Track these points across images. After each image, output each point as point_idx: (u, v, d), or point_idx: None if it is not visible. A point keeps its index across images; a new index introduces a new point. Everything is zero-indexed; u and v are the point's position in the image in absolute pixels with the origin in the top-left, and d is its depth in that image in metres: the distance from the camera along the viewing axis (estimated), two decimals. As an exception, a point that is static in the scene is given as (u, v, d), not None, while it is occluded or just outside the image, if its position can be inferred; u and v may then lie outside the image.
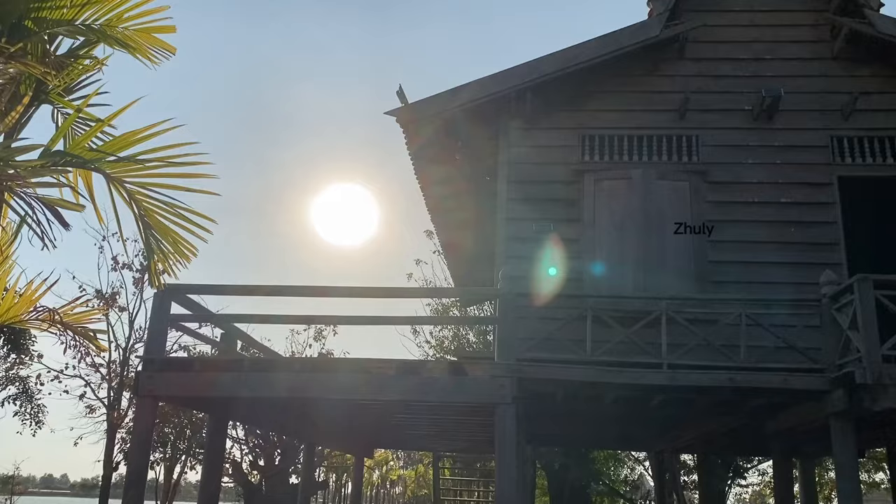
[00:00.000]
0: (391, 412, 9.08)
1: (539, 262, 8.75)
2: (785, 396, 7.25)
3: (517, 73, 9.01)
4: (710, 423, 9.66)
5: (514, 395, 6.87)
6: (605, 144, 9.18)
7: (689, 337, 7.37)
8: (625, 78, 9.33)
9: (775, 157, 8.86)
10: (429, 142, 9.32)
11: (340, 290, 8.08)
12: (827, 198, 8.68)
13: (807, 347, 7.23)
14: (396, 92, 8.76)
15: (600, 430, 12.28)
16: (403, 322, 13.54)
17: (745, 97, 9.07)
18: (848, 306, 6.68)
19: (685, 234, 8.69)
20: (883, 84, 8.99)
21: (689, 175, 8.91)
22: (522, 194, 9.07)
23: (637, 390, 7.35)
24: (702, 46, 9.35)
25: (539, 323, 7.75)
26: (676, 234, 8.71)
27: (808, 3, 9.40)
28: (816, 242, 8.54)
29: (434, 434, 11.88)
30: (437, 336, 23.80)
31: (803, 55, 9.22)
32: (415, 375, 7.23)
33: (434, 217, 11.75)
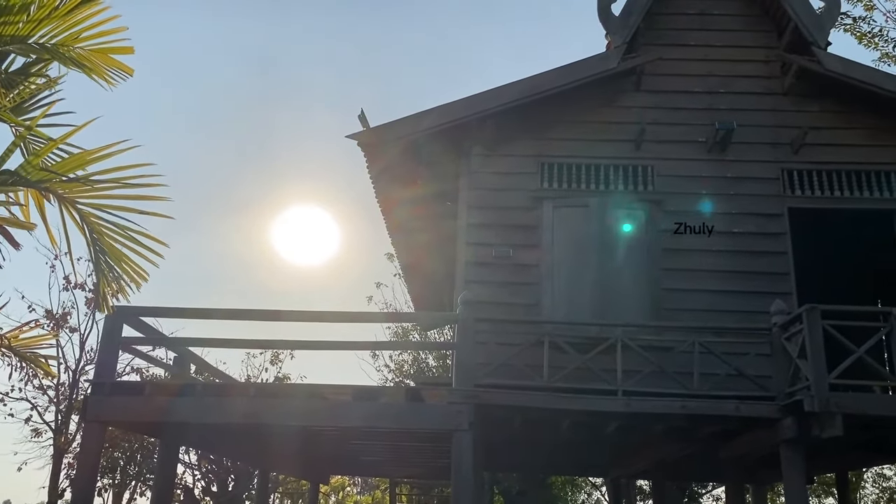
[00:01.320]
0: (348, 438, 8.98)
1: (498, 287, 8.81)
2: (737, 424, 7.36)
3: (479, 101, 9.11)
4: (665, 450, 9.75)
5: (472, 422, 6.86)
6: (563, 172, 9.31)
7: (644, 364, 7.46)
8: (583, 108, 9.50)
9: (728, 188, 9.08)
10: (390, 165, 9.35)
11: (299, 315, 8.00)
12: (777, 228, 8.91)
13: (758, 375, 7.36)
14: (358, 116, 8.79)
15: (557, 455, 12.31)
16: (362, 347, 13.45)
17: (700, 129, 9.30)
18: (797, 335, 6.84)
19: (640, 262, 8.83)
20: (831, 120, 9.31)
21: (645, 204, 9.07)
22: (482, 219, 9.14)
23: (593, 417, 7.40)
24: (658, 79, 9.58)
25: (497, 348, 7.77)
26: (632, 261, 8.85)
27: (759, 40, 9.71)
28: (767, 272, 8.75)
29: (391, 460, 11.77)
30: (396, 360, 23.68)
31: (755, 90, 9.50)
32: (372, 402, 7.17)
33: (394, 240, 11.75)
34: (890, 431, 7.02)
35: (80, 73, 4.46)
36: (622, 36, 9.23)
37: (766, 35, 9.71)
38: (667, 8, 9.80)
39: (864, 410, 6.49)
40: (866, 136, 9.21)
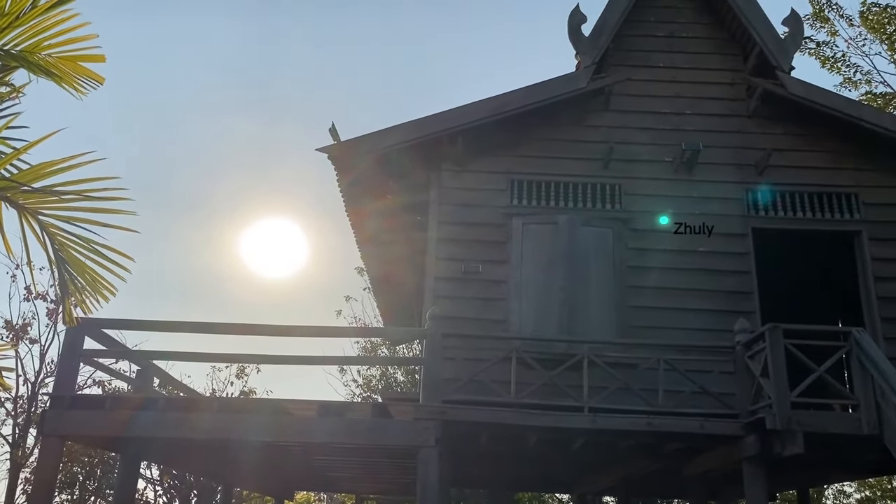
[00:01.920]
0: (313, 454, 8.89)
1: (467, 303, 8.83)
2: (701, 441, 7.44)
3: (450, 117, 9.16)
4: (631, 466, 9.81)
5: (438, 438, 6.84)
6: (533, 189, 9.38)
7: (610, 380, 7.51)
8: (553, 126, 9.60)
9: (694, 208, 9.22)
10: (360, 179, 9.34)
11: (266, 329, 7.94)
12: (742, 248, 9.06)
13: (722, 393, 7.46)
14: (329, 129, 8.78)
15: (524, 472, 12.32)
16: (330, 362, 13.35)
17: (667, 149, 9.44)
18: (760, 354, 6.94)
19: (608, 279, 8.92)
20: (793, 142, 9.51)
21: (613, 222, 9.17)
22: (452, 235, 9.16)
23: (559, 433, 7.43)
24: (626, 99, 9.72)
25: (465, 364, 7.78)
26: (599, 278, 8.93)
27: (726, 63, 9.91)
28: (732, 291, 8.88)
29: (357, 476, 11.68)
30: (364, 375, 23.54)
31: (721, 112, 9.69)
32: (338, 417, 7.12)
33: (364, 254, 11.72)
34: (849, 449, 7.14)
35: (48, 80, 4.39)
36: (592, 56, 9.35)
37: (732, 58, 9.92)
38: (636, 30, 9.96)
39: (825, 428, 6.61)
40: (828, 159, 9.43)
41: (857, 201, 9.26)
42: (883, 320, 8.77)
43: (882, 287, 8.90)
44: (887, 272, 8.95)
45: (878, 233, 9.11)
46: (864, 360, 6.69)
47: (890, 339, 8.66)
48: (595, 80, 9.39)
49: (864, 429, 6.55)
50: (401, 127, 9.06)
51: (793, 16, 9.63)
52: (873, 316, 8.81)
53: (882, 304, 8.84)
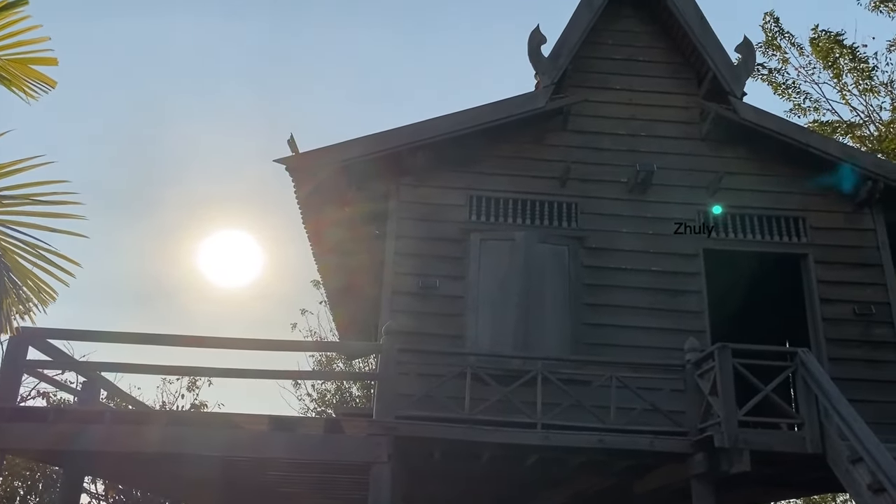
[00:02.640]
0: (264, 469, 8.74)
1: (424, 318, 8.81)
2: (651, 458, 7.52)
3: (410, 131, 9.19)
4: (583, 483, 9.86)
5: (391, 454, 6.79)
6: (491, 206, 9.44)
7: (564, 397, 7.56)
8: (513, 144, 9.70)
9: (648, 228, 9.39)
10: (318, 191, 9.29)
11: (220, 342, 7.80)
12: (693, 268, 9.24)
13: (672, 411, 7.56)
14: (287, 140, 8.73)
15: (477, 489, 12.27)
16: (283, 376, 13.22)
17: (622, 170, 9.61)
18: (709, 373, 7.07)
19: (563, 297, 9.00)
20: (744, 166, 9.77)
21: (569, 240, 9.28)
22: (410, 249, 9.16)
23: (512, 450, 7.44)
24: (584, 120, 9.87)
25: (420, 380, 7.76)
26: (555, 295, 9.01)
27: (680, 87, 10.15)
28: (683, 310, 9.04)
29: (309, 492, 11.50)
30: (319, 389, 23.29)
31: (675, 134, 9.90)
32: (289, 432, 7.02)
33: (321, 267, 11.64)
34: (795, 467, 7.29)
35: (-3, 84, 4.29)
36: (551, 77, 9.49)
37: (687, 83, 10.17)
38: (594, 52, 10.15)
39: (770, 447, 6.75)
40: (777, 183, 9.70)
41: (804, 225, 9.53)
42: (828, 341, 9.01)
43: (827, 309, 9.16)
44: (832, 294, 9.22)
45: (824, 256, 9.39)
46: (809, 381, 6.85)
47: (834, 359, 8.90)
48: (554, 101, 9.52)
49: (808, 447, 6.70)
50: (361, 140, 9.06)
51: (745, 43, 9.92)
52: (818, 337, 9.05)
53: (827, 325, 9.09)
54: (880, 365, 8.96)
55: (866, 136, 17.94)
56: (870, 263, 9.41)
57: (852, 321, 9.13)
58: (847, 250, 9.45)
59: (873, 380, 8.86)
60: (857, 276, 9.35)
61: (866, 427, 6.14)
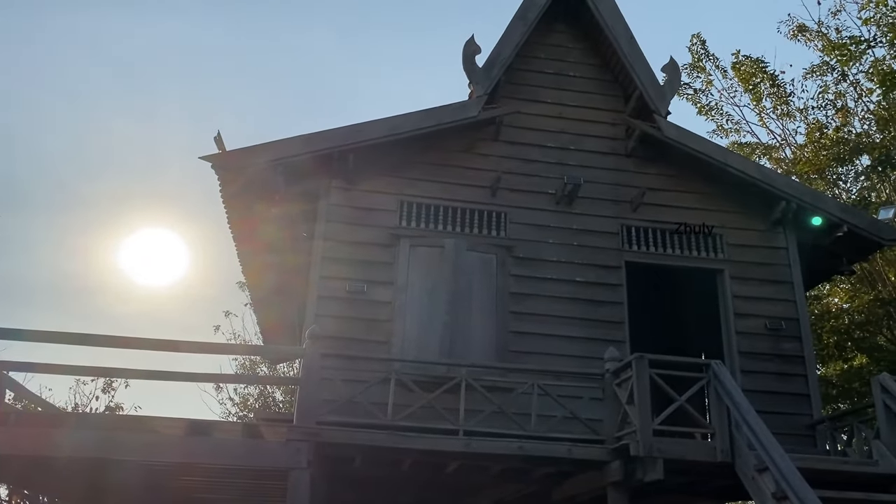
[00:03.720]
0: (178, 474, 8.49)
1: (350, 323, 8.75)
2: (569, 466, 7.65)
3: (341, 134, 9.13)
4: (503, 490, 9.95)
5: (310, 460, 6.70)
6: (421, 212, 9.47)
7: (486, 404, 7.62)
8: (444, 152, 9.75)
9: (573, 239, 9.59)
10: (246, 191, 9.12)
11: (140, 342, 7.54)
12: (616, 280, 9.48)
13: (590, 419, 7.71)
14: (214, 138, 8.55)
15: (399, 495, 12.23)
16: (203, 380, 12.85)
17: (550, 182, 9.79)
18: (627, 382, 7.24)
19: (490, 305, 9.10)
20: (666, 182, 10.09)
21: (497, 249, 9.39)
22: (337, 253, 9.08)
23: (434, 456, 7.44)
24: (515, 131, 10.02)
25: (343, 385, 7.69)
26: (482, 303, 9.10)
27: (608, 104, 10.41)
28: (604, 320, 9.26)
29: (228, 499, 11.23)
30: (241, 393, 22.83)
31: (602, 149, 10.15)
32: (205, 437, 6.86)
33: (246, 268, 11.42)
34: (706, 476, 7.53)
35: None
36: (484, 87, 9.60)
37: (615, 99, 10.44)
38: (527, 65, 10.31)
39: (683, 455, 6.95)
40: (696, 200, 10.06)
41: (721, 241, 9.90)
42: (740, 354, 9.38)
43: (741, 323, 9.53)
44: (746, 309, 9.61)
45: (739, 272, 9.78)
46: (721, 392, 7.10)
47: (746, 372, 9.28)
48: (486, 110, 9.63)
49: (718, 456, 6.92)
50: (290, 140, 8.95)
51: (671, 64, 10.26)
52: (732, 350, 9.41)
53: (740, 338, 9.46)
54: (789, 378, 9.38)
55: (782, 159, 18.77)
56: (781, 280, 9.85)
57: (763, 335, 9.53)
58: (760, 267, 9.87)
59: (782, 392, 9.27)
60: (770, 292, 9.77)
61: (773, 437, 6.39)
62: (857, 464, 7.44)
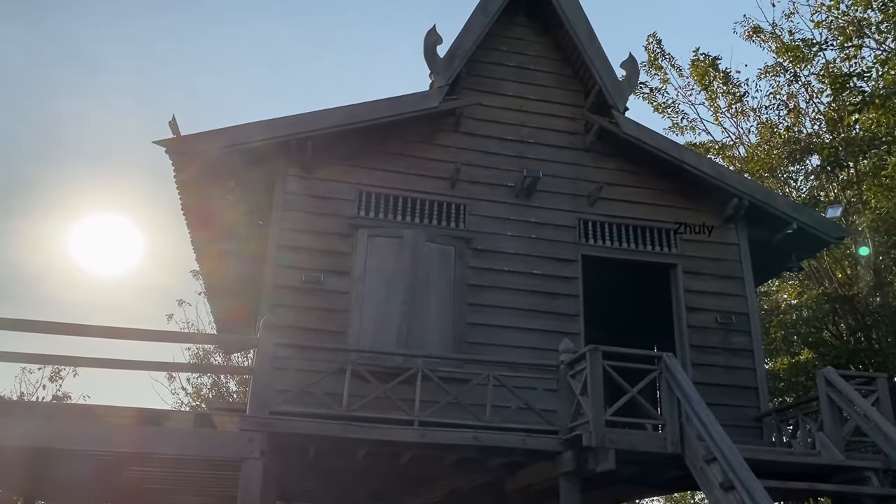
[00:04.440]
0: (128, 464, 8.33)
1: (305, 313, 8.67)
2: (523, 456, 7.72)
3: (299, 121, 9.03)
4: (457, 480, 10.00)
5: (263, 450, 6.64)
6: (380, 202, 9.42)
7: (442, 395, 7.64)
8: (404, 141, 9.72)
9: (531, 232, 9.65)
10: (201, 177, 8.96)
11: (89, 330, 7.36)
12: (572, 273, 9.58)
13: (545, 410, 7.78)
14: (169, 122, 8.38)
15: (353, 486, 12.21)
16: (155, 368, 12.58)
17: (510, 175, 9.83)
18: (581, 373, 7.33)
19: (447, 296, 9.11)
20: (623, 177, 10.22)
21: (456, 240, 9.40)
22: (294, 242, 8.99)
23: (388, 447, 7.44)
24: (475, 123, 10.03)
25: (298, 375, 7.62)
26: (440, 294, 9.10)
27: (568, 99, 10.49)
28: (560, 313, 9.35)
29: (178, 489, 11.07)
30: (194, 383, 22.52)
31: (561, 144, 10.23)
32: (157, 426, 6.74)
33: (200, 256, 11.23)
34: (656, 466, 7.67)
35: None
36: (445, 78, 9.58)
37: (574, 94, 10.52)
38: (488, 57, 10.32)
39: (634, 446, 7.06)
40: (652, 196, 10.21)
41: (674, 237, 10.07)
42: (692, 347, 9.57)
43: (692, 317, 9.72)
44: (697, 304, 9.80)
45: (691, 267, 9.96)
46: (672, 384, 7.23)
47: (697, 364, 9.46)
48: (447, 102, 9.62)
49: (669, 447, 7.06)
50: (247, 126, 8.82)
51: (630, 60, 10.37)
52: (683, 343, 9.59)
53: (692, 332, 9.65)
54: (737, 371, 9.60)
55: (736, 157, 19.16)
56: (732, 276, 10.07)
57: (714, 329, 9.73)
58: (712, 262, 10.07)
59: (731, 385, 9.48)
60: (721, 287, 9.98)
61: (721, 429, 6.54)
62: (801, 455, 7.65)
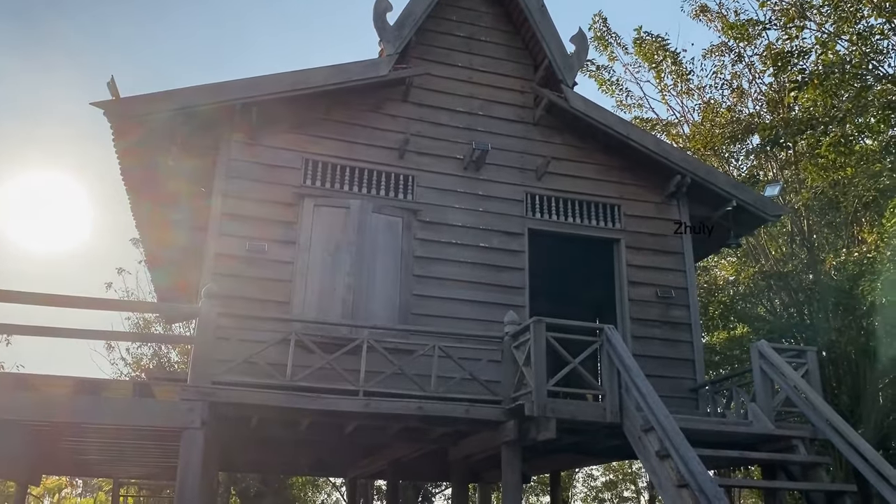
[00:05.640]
0: (64, 435, 8.14)
1: (249, 282, 8.55)
2: (466, 425, 7.82)
3: (244, 86, 8.81)
4: (401, 450, 10.09)
5: (204, 420, 6.56)
6: (327, 172, 9.30)
7: (388, 366, 7.66)
8: (352, 110, 9.59)
9: (478, 205, 9.68)
10: (141, 143, 8.69)
11: (23, 297, 7.10)
12: (518, 247, 9.65)
13: (489, 381, 7.88)
14: (108, 83, 8.08)
15: (297, 456, 12.22)
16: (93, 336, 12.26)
17: (458, 147, 9.81)
18: (525, 345, 7.43)
19: (394, 268, 9.09)
20: (570, 152, 10.30)
21: (403, 212, 9.36)
22: (237, 210, 8.82)
23: (332, 417, 7.44)
24: (425, 93, 9.95)
25: (241, 345, 7.51)
26: (386, 266, 9.08)
27: (517, 72, 10.49)
28: (506, 285, 9.44)
29: (117, 459, 10.88)
30: (134, 353, 22.07)
31: (510, 117, 10.24)
32: (94, 396, 6.58)
33: (140, 224, 10.94)
34: (597, 435, 7.86)
35: None
36: (394, 46, 9.45)
37: (524, 67, 10.52)
38: (438, 26, 10.23)
39: (574, 416, 7.22)
40: (597, 172, 10.33)
41: (618, 212, 10.24)
42: (632, 320, 9.79)
43: (633, 291, 9.93)
44: (638, 278, 10.00)
45: (634, 242, 10.15)
46: (613, 356, 7.39)
47: (637, 337, 9.69)
48: (396, 70, 9.50)
49: (608, 417, 7.24)
50: (190, 90, 8.57)
51: (580, 35, 10.40)
52: (624, 316, 9.80)
53: (633, 305, 9.86)
54: (676, 344, 9.87)
55: (680, 135, 19.50)
56: (673, 251, 10.30)
57: (654, 303, 9.97)
58: (654, 238, 10.28)
59: (669, 357, 9.75)
60: (662, 261, 10.20)
61: (659, 399, 6.72)
62: (733, 424, 7.93)
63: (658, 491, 6.57)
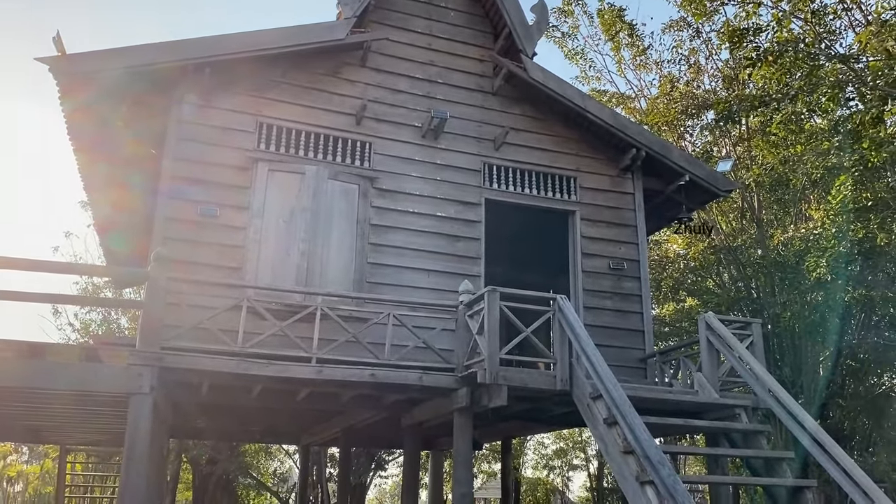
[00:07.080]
0: (7, 400, 7.95)
1: (200, 247, 8.41)
2: (419, 392, 7.88)
3: (197, 45, 8.58)
4: (354, 417, 10.12)
5: (153, 386, 6.47)
6: (282, 136, 9.15)
7: (341, 333, 7.64)
8: (309, 74, 9.41)
9: (436, 174, 9.64)
10: (89, 101, 8.39)
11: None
12: (475, 217, 9.67)
13: (443, 349, 7.93)
14: (53, 38, 7.77)
15: (249, 423, 12.18)
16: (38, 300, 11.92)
17: (417, 114, 9.74)
18: (479, 314, 7.48)
19: (350, 235, 9.03)
20: (528, 123, 10.30)
21: (360, 179, 9.28)
22: (189, 174, 8.63)
23: (284, 383, 7.42)
24: (383, 59, 9.82)
25: (191, 311, 7.41)
26: (341, 233, 9.01)
27: (478, 39, 10.41)
28: (462, 255, 9.46)
29: (63, 425, 10.69)
30: (82, 319, 21.61)
31: (469, 86, 10.18)
32: (40, 360, 6.44)
33: (88, 186, 10.63)
34: (546, 403, 7.99)
35: None
36: (353, 9, 9.28)
37: (484, 36, 10.45)
38: (398, -10, 10.07)
39: (525, 383, 7.31)
40: (554, 143, 10.37)
41: (574, 184, 10.31)
42: (585, 291, 9.92)
43: (587, 262, 10.05)
44: (592, 250, 10.13)
45: (589, 214, 10.25)
46: (564, 325, 7.48)
47: (589, 308, 9.84)
48: (354, 34, 9.34)
49: (558, 385, 7.35)
50: (140, 48, 8.30)
51: (540, 4, 10.35)
52: (577, 287, 9.92)
53: (585, 277, 9.99)
54: (626, 315, 10.05)
55: (636, 109, 19.66)
56: (626, 224, 10.44)
57: (606, 275, 10.12)
58: (609, 210, 10.39)
59: (619, 328, 9.93)
60: (615, 234, 10.33)
61: (608, 368, 6.84)
62: (679, 393, 8.13)
63: (605, 457, 6.72)
